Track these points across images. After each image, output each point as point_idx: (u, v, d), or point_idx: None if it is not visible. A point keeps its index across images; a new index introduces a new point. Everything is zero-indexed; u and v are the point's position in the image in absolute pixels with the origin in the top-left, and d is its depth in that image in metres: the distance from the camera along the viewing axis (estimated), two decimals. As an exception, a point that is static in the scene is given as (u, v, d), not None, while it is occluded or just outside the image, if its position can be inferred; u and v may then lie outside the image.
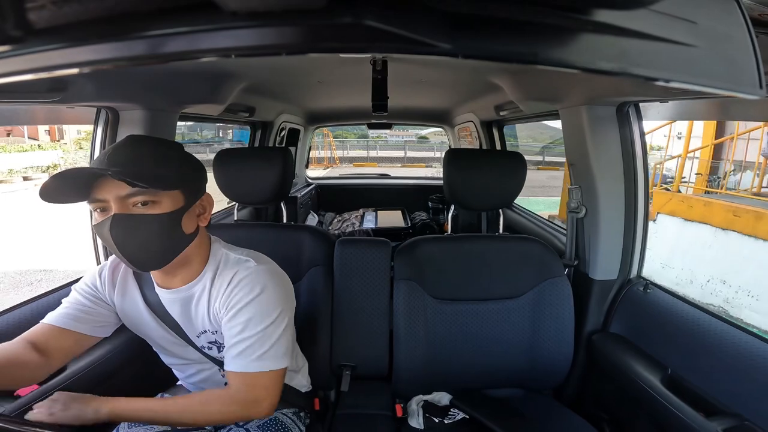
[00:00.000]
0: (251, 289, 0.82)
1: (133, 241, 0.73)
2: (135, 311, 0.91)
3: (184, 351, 0.93)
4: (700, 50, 0.30)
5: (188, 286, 0.86)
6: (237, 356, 0.81)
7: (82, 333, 0.85)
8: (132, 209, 0.73)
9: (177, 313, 0.89)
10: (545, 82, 1.26)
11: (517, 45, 0.28)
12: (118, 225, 0.71)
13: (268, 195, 1.37)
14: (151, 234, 0.74)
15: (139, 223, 0.73)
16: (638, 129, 1.22)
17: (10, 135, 17.68)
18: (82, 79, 0.96)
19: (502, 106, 1.90)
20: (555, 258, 1.26)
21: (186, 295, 0.87)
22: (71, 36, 0.29)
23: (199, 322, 0.89)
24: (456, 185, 1.34)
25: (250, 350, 0.80)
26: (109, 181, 0.71)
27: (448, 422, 1.14)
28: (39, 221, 7.25)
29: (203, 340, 0.91)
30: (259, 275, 0.84)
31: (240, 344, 0.81)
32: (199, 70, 1.26)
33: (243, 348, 0.80)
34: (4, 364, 0.73)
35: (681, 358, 1.03)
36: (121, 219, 0.71)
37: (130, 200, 0.73)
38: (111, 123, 1.22)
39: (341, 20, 0.26)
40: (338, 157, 16.29)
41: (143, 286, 0.90)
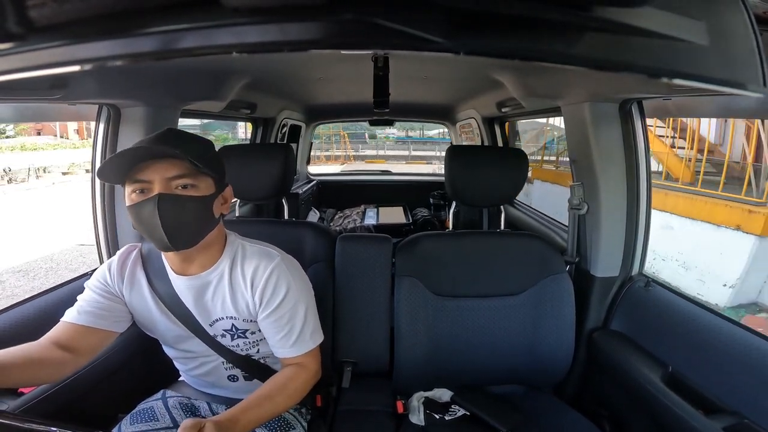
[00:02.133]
0: (285, 281, 0.90)
1: (176, 219, 0.77)
2: (143, 304, 0.91)
3: (189, 343, 0.94)
4: (704, 47, 0.30)
5: (206, 273, 0.89)
6: (297, 341, 0.91)
7: (105, 329, 0.87)
8: (176, 190, 0.78)
9: (191, 300, 0.90)
10: (547, 79, 1.25)
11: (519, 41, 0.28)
12: (165, 203, 0.76)
13: (270, 191, 1.37)
14: (192, 214, 0.79)
15: (184, 202, 0.78)
16: (641, 126, 1.21)
17: (41, 134, 17.80)
18: (84, 77, 0.96)
19: (503, 102, 1.89)
20: (556, 255, 1.25)
21: (203, 281, 0.89)
22: (72, 33, 0.29)
23: (217, 309, 0.90)
24: (458, 182, 1.33)
25: (303, 333, 0.91)
26: (155, 163, 0.76)
27: (448, 419, 1.14)
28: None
29: (218, 328, 0.92)
30: (287, 266, 0.92)
31: (293, 331, 0.90)
32: (200, 67, 1.26)
33: (297, 333, 0.91)
34: (27, 362, 0.75)
35: (681, 355, 1.03)
36: (168, 198, 0.76)
37: (174, 182, 0.78)
38: (113, 120, 1.22)
39: (343, 17, 0.26)
40: (353, 156, 17.83)
41: (152, 277, 0.91)
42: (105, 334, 0.88)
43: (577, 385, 1.34)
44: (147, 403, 0.98)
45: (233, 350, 0.95)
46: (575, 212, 1.31)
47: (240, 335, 0.93)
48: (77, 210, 6.81)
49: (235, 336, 0.93)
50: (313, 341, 0.93)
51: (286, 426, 0.98)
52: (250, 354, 0.97)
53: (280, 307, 0.89)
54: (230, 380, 0.99)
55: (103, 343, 0.89)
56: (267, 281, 0.88)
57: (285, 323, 0.90)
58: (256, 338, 0.95)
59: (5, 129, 15.47)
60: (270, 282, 0.88)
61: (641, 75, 0.31)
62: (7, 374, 0.71)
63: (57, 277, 4.61)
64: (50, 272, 4.96)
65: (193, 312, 0.91)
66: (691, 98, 1.01)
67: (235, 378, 0.99)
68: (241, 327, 0.92)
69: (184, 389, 1.05)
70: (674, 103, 1.10)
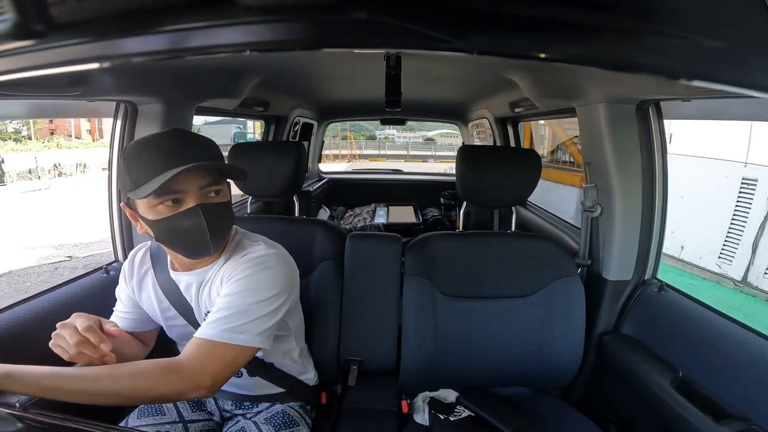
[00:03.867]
0: (253, 266, 0.83)
1: (217, 227, 0.78)
2: (151, 302, 0.93)
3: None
4: (724, 49, 0.29)
5: (207, 268, 0.89)
6: (209, 324, 0.76)
7: (146, 330, 0.97)
8: (206, 198, 0.78)
9: (192, 295, 0.91)
10: (562, 79, 1.23)
11: (534, 41, 0.28)
12: (209, 212, 0.77)
13: (282, 189, 1.38)
14: (225, 219, 0.82)
15: (222, 210, 0.80)
16: (659, 128, 1.19)
17: (54, 134, 18.35)
18: (102, 74, 0.98)
19: (517, 102, 1.87)
20: (568, 257, 1.24)
21: (203, 277, 0.89)
22: (91, 31, 0.30)
23: (205, 302, 0.90)
24: (469, 182, 1.32)
25: (226, 320, 0.76)
26: (187, 173, 0.73)
27: (453, 419, 1.14)
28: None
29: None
30: (266, 257, 0.85)
31: (218, 313, 0.77)
32: (215, 65, 1.28)
33: (219, 317, 0.76)
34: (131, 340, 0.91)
35: (693, 361, 1.01)
36: (209, 207, 0.77)
37: (206, 189, 0.78)
38: (130, 117, 1.25)
39: (355, 16, 0.26)
40: (358, 155, 19.19)
41: (158, 275, 0.93)
42: (150, 332, 0.98)
43: (584, 388, 1.32)
44: None
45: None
46: (588, 214, 1.29)
47: None
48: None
49: None
50: (230, 336, 0.75)
51: (291, 423, 0.98)
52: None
53: (232, 285, 0.80)
54: (235, 375, 1.00)
55: (154, 335, 1.00)
56: (237, 262, 0.84)
57: (222, 302, 0.79)
58: None
59: (21, 129, 16.22)
60: (240, 263, 0.83)
61: (659, 76, 0.31)
62: (124, 347, 0.86)
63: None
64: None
65: (192, 306, 0.92)
66: (712, 100, 0.98)
67: (239, 373, 0.99)
68: None
69: None
70: (694, 105, 1.08)
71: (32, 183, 11.14)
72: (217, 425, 1.01)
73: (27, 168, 11.70)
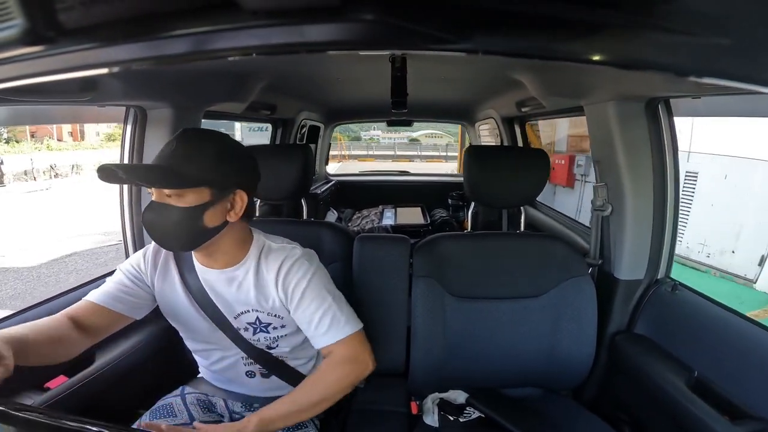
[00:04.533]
0: (306, 271, 0.92)
1: (158, 226, 0.83)
2: (172, 294, 0.94)
3: (212, 336, 0.96)
4: (734, 45, 0.29)
5: (232, 268, 0.92)
6: (329, 329, 0.90)
7: (121, 313, 0.90)
8: (164, 199, 0.82)
9: (216, 293, 0.92)
10: (569, 78, 1.22)
11: (540, 40, 0.28)
12: (149, 210, 0.83)
13: (289, 191, 1.38)
14: (171, 222, 0.82)
15: (163, 211, 0.82)
16: (669, 125, 1.17)
17: (35, 136, 18.73)
18: (112, 79, 1.00)
19: (524, 102, 1.86)
20: (578, 257, 1.23)
21: (229, 276, 0.92)
22: (100, 36, 0.30)
23: (241, 301, 0.92)
24: (477, 182, 1.32)
25: (335, 320, 0.90)
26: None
27: (463, 420, 1.13)
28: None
29: (242, 320, 0.94)
30: (307, 258, 0.95)
31: (324, 318, 0.90)
32: (222, 69, 1.29)
33: (329, 320, 0.90)
34: (46, 341, 0.78)
35: (708, 360, 0.99)
36: (153, 205, 0.83)
37: (163, 191, 0.82)
38: (139, 121, 1.26)
39: (360, 17, 0.26)
40: (348, 155, 20.51)
41: (183, 268, 0.94)
42: (118, 317, 0.90)
43: (596, 388, 1.30)
44: (166, 399, 1.00)
45: (254, 344, 0.96)
46: (598, 213, 1.27)
47: (263, 329, 0.95)
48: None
49: (258, 330, 0.95)
50: (349, 327, 0.92)
51: (300, 425, 0.98)
52: (270, 348, 0.98)
53: (305, 296, 0.90)
54: (248, 376, 1.00)
55: (114, 327, 0.91)
56: (290, 273, 0.91)
57: (315, 310, 0.90)
58: (278, 334, 0.96)
59: (1, 132, 16.74)
60: (293, 274, 0.91)
61: (669, 73, 0.30)
62: (31, 351, 0.74)
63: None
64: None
65: (218, 304, 0.93)
66: (722, 97, 0.97)
67: (252, 374, 1.00)
68: (265, 321, 0.94)
69: (202, 386, 1.07)
70: (704, 102, 1.06)
71: (30, 184, 11.59)
72: None
73: (23, 170, 12.13)
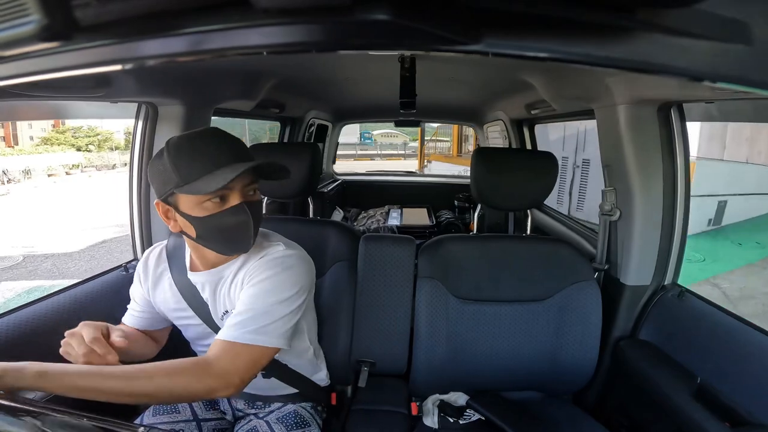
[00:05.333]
0: (273, 266, 0.84)
1: (257, 223, 0.83)
2: (166, 300, 0.94)
3: (210, 339, 0.96)
4: (749, 49, 0.28)
5: (222, 267, 0.90)
6: (233, 326, 0.78)
7: (158, 329, 0.99)
8: (248, 197, 0.82)
9: (207, 294, 0.92)
10: (580, 81, 1.21)
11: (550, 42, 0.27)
12: (255, 209, 0.82)
13: (297, 190, 1.39)
14: (261, 217, 0.86)
15: (260, 207, 0.85)
16: (681, 130, 1.15)
17: None
18: (126, 76, 1.01)
19: (533, 104, 1.85)
20: (584, 261, 1.22)
21: (218, 276, 0.90)
22: (114, 33, 0.30)
23: (224, 302, 0.91)
24: (484, 184, 1.31)
25: (249, 321, 0.78)
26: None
27: (463, 423, 1.13)
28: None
29: (224, 321, 0.94)
30: (284, 258, 0.87)
31: (241, 315, 0.79)
32: (232, 67, 1.30)
33: (242, 319, 0.79)
34: (142, 339, 0.93)
35: (713, 368, 0.99)
36: (252, 205, 0.82)
37: (248, 188, 0.82)
38: (150, 118, 1.28)
39: (370, 17, 0.26)
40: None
41: (175, 273, 0.94)
42: (162, 330, 1.00)
43: (598, 393, 1.30)
44: None
45: None
46: (606, 218, 1.26)
47: None
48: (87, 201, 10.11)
49: None
50: (254, 337, 0.77)
51: (302, 423, 0.99)
52: None
53: (252, 287, 0.82)
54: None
55: (166, 334, 1.02)
56: (257, 269, 0.85)
57: (243, 303, 0.81)
58: None
59: None
60: (260, 264, 0.85)
61: (682, 78, 0.30)
62: (135, 348, 0.87)
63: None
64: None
65: (209, 305, 0.92)
66: (737, 102, 0.95)
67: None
68: None
69: None
70: (717, 107, 1.04)
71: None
72: (230, 424, 1.02)
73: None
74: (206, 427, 0.97)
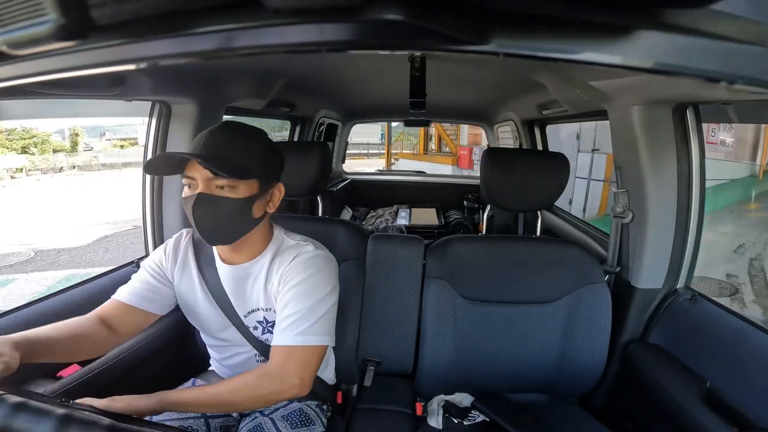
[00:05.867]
0: (306, 269, 0.89)
1: (210, 218, 0.82)
2: (190, 289, 0.96)
3: (227, 332, 0.97)
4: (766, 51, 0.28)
5: (249, 263, 0.92)
6: (282, 331, 0.85)
7: (148, 311, 0.92)
8: (214, 190, 0.81)
9: (231, 289, 0.93)
10: (592, 81, 1.19)
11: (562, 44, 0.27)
12: (200, 202, 0.80)
13: (306, 188, 1.40)
14: (225, 214, 0.82)
15: (218, 203, 0.81)
16: (697, 131, 1.13)
17: None
18: (140, 74, 1.02)
19: (545, 104, 1.83)
20: (595, 264, 1.20)
21: (245, 272, 0.93)
22: (129, 32, 0.31)
23: (252, 299, 0.93)
24: (493, 185, 1.30)
25: (294, 325, 0.84)
26: (195, 162, 0.80)
27: (467, 424, 1.12)
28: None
29: (251, 319, 0.95)
30: (316, 258, 0.91)
31: (287, 319, 0.85)
32: (243, 66, 1.31)
33: (288, 323, 0.84)
34: (72, 337, 0.81)
35: (723, 372, 0.97)
36: (204, 197, 0.80)
37: (214, 182, 0.81)
38: (164, 116, 1.30)
39: (380, 17, 0.26)
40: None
41: (202, 264, 0.95)
42: (147, 315, 0.92)
43: (605, 397, 1.28)
44: None
45: (265, 343, 0.97)
46: (618, 220, 1.25)
47: (269, 329, 0.95)
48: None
49: (265, 330, 0.96)
50: (303, 338, 0.84)
51: (307, 422, 0.99)
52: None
53: (292, 290, 0.87)
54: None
55: (144, 324, 0.94)
56: (293, 269, 0.89)
57: (284, 306, 0.86)
58: None
59: None
60: (295, 268, 0.89)
61: (698, 78, 0.29)
62: (54, 349, 0.77)
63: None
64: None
65: (232, 301, 0.94)
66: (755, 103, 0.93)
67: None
68: (271, 320, 0.94)
69: (213, 378, 1.08)
70: (734, 108, 1.02)
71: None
72: (236, 421, 1.03)
73: None
74: (214, 424, 0.98)
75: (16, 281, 5.09)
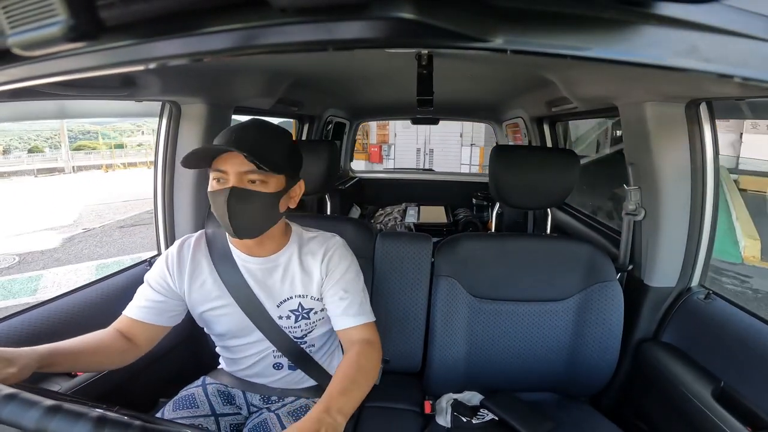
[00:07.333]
0: (346, 255, 0.99)
1: (243, 211, 0.83)
2: (205, 291, 0.95)
3: (245, 328, 0.96)
4: None
5: (275, 256, 0.96)
6: (359, 312, 0.94)
7: (159, 325, 0.94)
8: (247, 184, 0.83)
9: (258, 282, 0.94)
10: (604, 78, 1.18)
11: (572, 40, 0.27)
12: (234, 196, 0.81)
13: (315, 187, 1.40)
14: (257, 208, 0.84)
15: (252, 197, 0.83)
16: (710, 128, 1.11)
17: None
18: (150, 75, 1.03)
19: (554, 102, 1.81)
20: (606, 261, 1.19)
21: (273, 264, 0.95)
22: (138, 33, 0.31)
23: (285, 289, 0.95)
24: (503, 182, 1.29)
25: (363, 306, 0.96)
26: (233, 157, 0.81)
27: (476, 422, 1.12)
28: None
29: (284, 308, 0.96)
30: (346, 245, 1.02)
31: (354, 302, 0.94)
32: (252, 66, 1.32)
33: (358, 305, 0.94)
34: (96, 350, 0.83)
35: (737, 371, 0.96)
36: (238, 191, 0.82)
37: (246, 176, 0.83)
38: (174, 116, 1.31)
39: (387, 15, 0.26)
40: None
41: (216, 261, 0.95)
42: (160, 329, 0.94)
43: (616, 396, 1.27)
44: (188, 390, 1.02)
45: (290, 334, 0.97)
46: (630, 218, 1.23)
47: (305, 315, 0.97)
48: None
49: (300, 317, 0.97)
50: (372, 315, 0.97)
51: None
52: (303, 337, 0.99)
53: (343, 276, 0.95)
54: (275, 368, 1.01)
55: (158, 336, 0.96)
56: (334, 253, 0.97)
57: (347, 292, 0.94)
58: (318, 318, 0.98)
59: None
60: (337, 254, 0.97)
61: (710, 75, 0.29)
62: (79, 360, 0.80)
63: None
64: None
65: (259, 294, 0.94)
66: None
67: (279, 366, 1.01)
68: (307, 306, 0.96)
69: (223, 377, 1.08)
70: (748, 104, 1.00)
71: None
72: (245, 419, 1.04)
73: None
74: (223, 421, 0.98)
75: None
